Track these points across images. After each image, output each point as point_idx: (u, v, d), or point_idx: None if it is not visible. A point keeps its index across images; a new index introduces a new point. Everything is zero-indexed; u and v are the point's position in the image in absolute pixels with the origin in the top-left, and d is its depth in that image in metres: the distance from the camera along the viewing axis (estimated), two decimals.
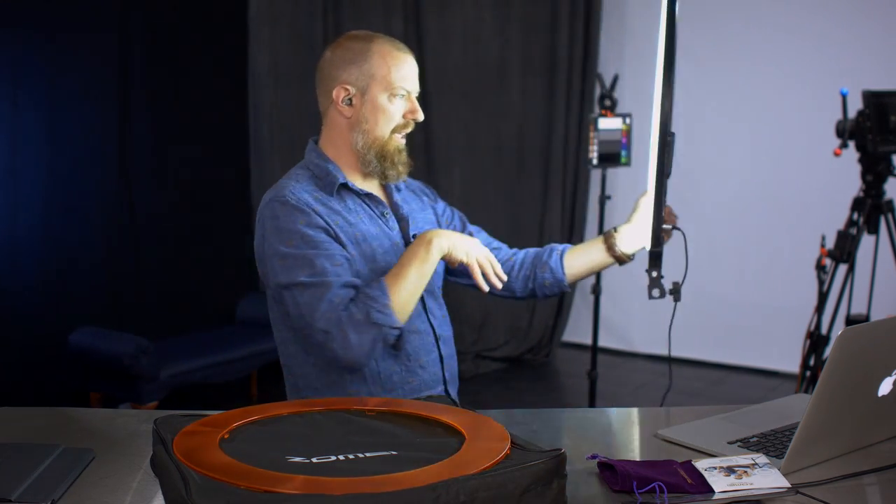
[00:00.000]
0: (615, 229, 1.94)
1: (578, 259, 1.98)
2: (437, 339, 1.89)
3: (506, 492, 1.11)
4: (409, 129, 1.86)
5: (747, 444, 1.50)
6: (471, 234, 2.02)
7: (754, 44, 5.00)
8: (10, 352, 3.88)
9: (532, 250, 2.05)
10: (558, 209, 5.39)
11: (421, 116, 1.85)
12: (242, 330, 4.51)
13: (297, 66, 4.94)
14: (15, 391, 3.88)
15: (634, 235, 1.92)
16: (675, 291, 1.79)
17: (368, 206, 1.87)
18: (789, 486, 1.30)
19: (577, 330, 5.48)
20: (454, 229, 2.04)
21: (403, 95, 1.83)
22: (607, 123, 4.03)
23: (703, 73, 5.09)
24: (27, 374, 3.95)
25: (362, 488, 1.06)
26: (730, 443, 1.50)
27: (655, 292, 1.76)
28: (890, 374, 1.43)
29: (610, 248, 1.93)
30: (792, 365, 4.15)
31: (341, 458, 1.19)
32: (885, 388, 1.43)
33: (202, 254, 4.76)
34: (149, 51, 4.42)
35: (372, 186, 1.90)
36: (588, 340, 4.50)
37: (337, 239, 1.77)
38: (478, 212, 3.78)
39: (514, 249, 2.07)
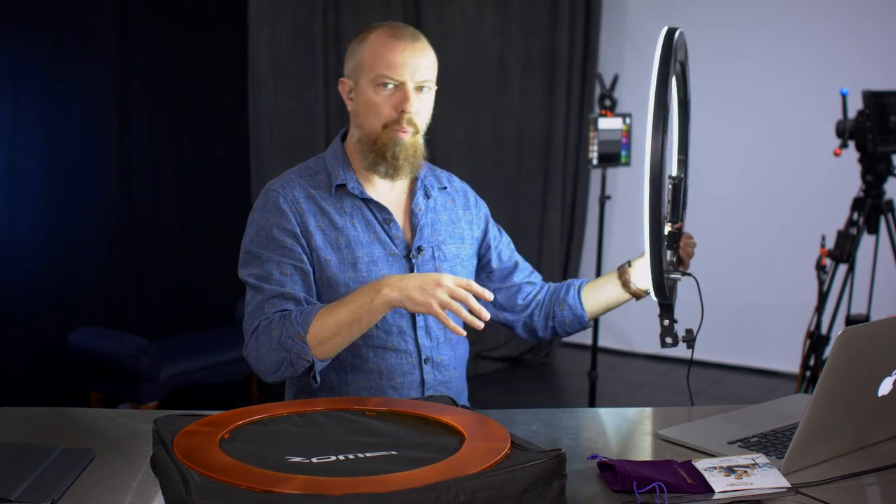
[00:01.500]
0: (629, 263, 1.81)
1: (594, 295, 1.87)
2: (422, 362, 1.77)
3: (506, 492, 1.11)
4: (403, 125, 1.70)
5: (747, 444, 1.50)
6: (513, 265, 1.92)
7: (754, 44, 5.00)
8: (10, 352, 3.89)
9: (552, 287, 1.94)
10: (558, 209, 5.39)
11: (408, 106, 1.68)
12: (242, 330, 4.51)
13: (297, 66, 4.94)
14: (15, 391, 3.88)
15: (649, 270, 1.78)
16: (689, 340, 1.69)
17: (371, 210, 1.77)
18: (789, 486, 1.30)
19: None
20: (487, 262, 1.92)
21: (393, 86, 1.69)
22: (607, 123, 4.03)
23: (703, 72, 5.08)
24: (27, 374, 3.95)
25: (362, 488, 1.06)
26: (730, 443, 1.50)
27: (668, 340, 1.67)
28: (890, 374, 1.43)
29: (625, 283, 1.81)
30: (792, 365, 4.15)
31: (341, 458, 1.19)
32: (885, 388, 1.43)
33: (202, 254, 4.76)
34: (149, 51, 4.42)
35: (390, 190, 1.80)
36: (588, 340, 4.50)
37: (308, 244, 1.72)
38: None
39: (539, 285, 1.94)
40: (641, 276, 1.79)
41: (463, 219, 1.89)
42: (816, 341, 3.53)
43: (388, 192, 1.80)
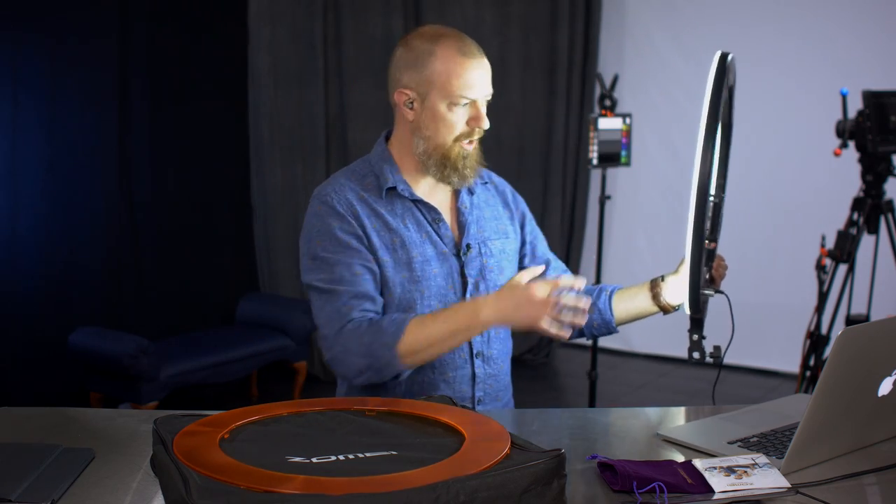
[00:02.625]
0: (662, 278, 1.87)
1: (624, 303, 1.91)
2: (473, 356, 1.82)
3: (506, 492, 1.11)
4: (474, 137, 1.78)
5: (747, 444, 1.50)
6: (545, 263, 1.97)
7: (754, 44, 5.00)
8: (10, 352, 3.89)
9: (584, 289, 1.96)
10: (558, 209, 5.39)
11: (485, 125, 1.76)
12: (242, 330, 4.51)
13: (297, 66, 4.94)
14: (15, 391, 3.88)
15: (681, 287, 1.82)
16: (716, 356, 1.73)
17: (420, 211, 1.80)
18: (789, 486, 1.30)
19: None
20: (521, 258, 1.96)
21: (466, 103, 1.74)
22: (607, 123, 4.03)
23: (703, 72, 5.08)
24: (27, 374, 3.95)
25: (362, 488, 1.06)
26: (730, 443, 1.50)
27: (696, 354, 1.71)
28: (890, 374, 1.43)
29: (655, 296, 1.86)
30: (792, 365, 4.15)
31: (341, 458, 1.19)
32: (885, 388, 1.43)
33: (202, 254, 4.76)
34: (149, 51, 4.42)
35: (434, 188, 1.84)
36: (588, 340, 4.49)
37: (370, 245, 1.74)
38: None
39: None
40: (672, 291, 1.85)
41: (504, 215, 1.94)
42: (816, 341, 3.53)
43: (434, 191, 1.84)
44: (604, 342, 4.81)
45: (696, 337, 1.71)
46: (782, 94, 4.93)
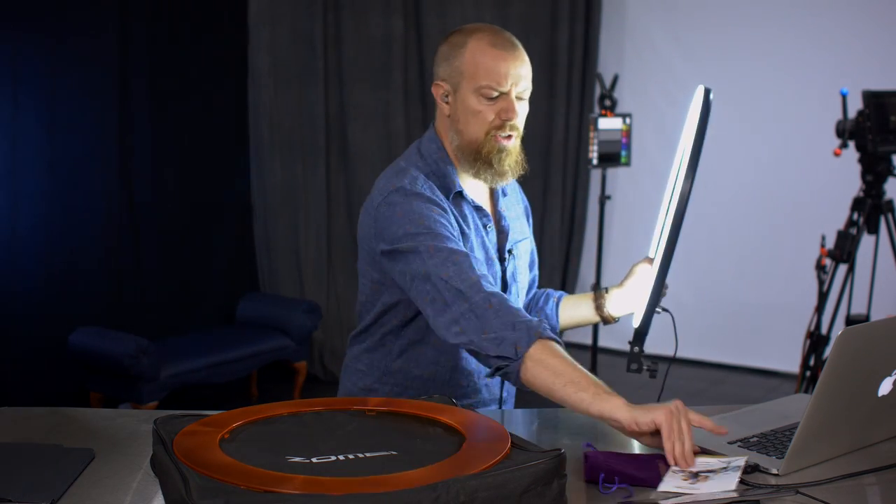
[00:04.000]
0: (606, 290, 1.90)
1: (569, 311, 1.95)
2: (501, 403, 1.82)
3: (506, 492, 1.11)
4: (506, 131, 1.70)
5: (747, 444, 1.50)
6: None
7: (754, 44, 5.00)
8: (10, 352, 3.88)
9: (531, 294, 2.00)
10: (558, 209, 5.39)
11: (514, 116, 1.69)
12: (242, 330, 4.51)
13: (297, 66, 4.94)
14: (15, 391, 3.88)
15: (624, 300, 1.87)
16: (652, 370, 1.75)
17: (477, 216, 1.78)
18: (733, 489, 1.27)
19: (577, 330, 5.44)
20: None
21: (497, 95, 1.69)
22: (607, 123, 4.03)
23: (703, 72, 5.09)
24: (27, 374, 3.95)
25: (362, 488, 1.06)
26: (730, 443, 1.50)
27: (633, 366, 1.74)
28: (890, 374, 1.43)
29: (598, 307, 1.90)
30: (792, 365, 4.15)
31: (341, 458, 1.18)
32: (885, 388, 1.43)
33: (202, 254, 4.76)
34: (149, 51, 4.42)
35: (480, 189, 1.81)
36: (588, 340, 4.50)
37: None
38: None
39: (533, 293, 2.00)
40: (615, 304, 1.89)
41: (521, 214, 1.95)
42: (816, 341, 3.53)
43: (480, 193, 1.81)
44: (604, 342, 4.81)
45: (636, 349, 1.73)
46: (782, 94, 4.93)
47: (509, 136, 1.72)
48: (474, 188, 1.79)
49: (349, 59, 5.08)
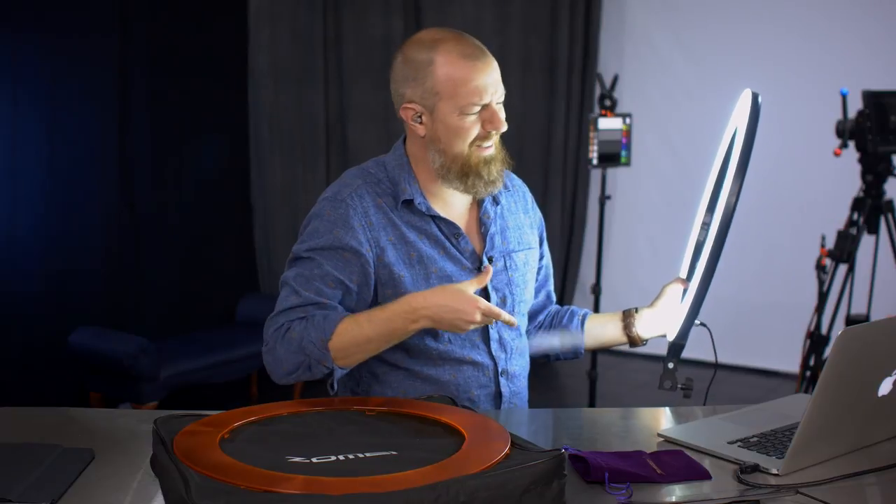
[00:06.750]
0: (636, 310, 1.84)
1: (595, 330, 1.89)
2: (497, 374, 1.75)
3: (506, 492, 1.11)
4: (491, 139, 1.67)
5: (747, 444, 1.50)
6: (543, 282, 1.94)
7: (754, 43, 5.00)
8: (10, 352, 3.88)
9: (552, 310, 1.95)
10: (558, 209, 5.39)
11: (501, 127, 1.65)
12: (242, 330, 4.51)
13: (297, 66, 4.94)
14: (15, 391, 3.88)
15: (655, 321, 1.82)
16: (687, 388, 1.72)
17: (437, 226, 1.70)
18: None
19: None
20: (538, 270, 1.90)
21: (479, 108, 1.63)
22: (607, 123, 4.03)
23: (703, 72, 5.09)
24: (27, 374, 3.95)
25: (362, 488, 1.06)
26: (730, 443, 1.50)
27: (667, 384, 1.71)
28: (890, 374, 1.43)
29: (627, 327, 1.83)
30: (792, 365, 4.15)
31: (341, 458, 1.19)
32: (885, 388, 1.43)
33: (202, 254, 4.76)
34: (149, 51, 4.42)
35: (453, 200, 1.74)
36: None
37: (380, 260, 1.66)
38: None
39: (549, 308, 1.96)
40: (645, 325, 1.83)
41: (525, 223, 1.86)
42: (816, 341, 3.53)
43: (453, 203, 1.74)
44: None
45: (671, 365, 1.71)
46: (782, 94, 4.93)
47: (491, 145, 1.68)
48: (444, 198, 1.73)
49: (349, 59, 5.08)
